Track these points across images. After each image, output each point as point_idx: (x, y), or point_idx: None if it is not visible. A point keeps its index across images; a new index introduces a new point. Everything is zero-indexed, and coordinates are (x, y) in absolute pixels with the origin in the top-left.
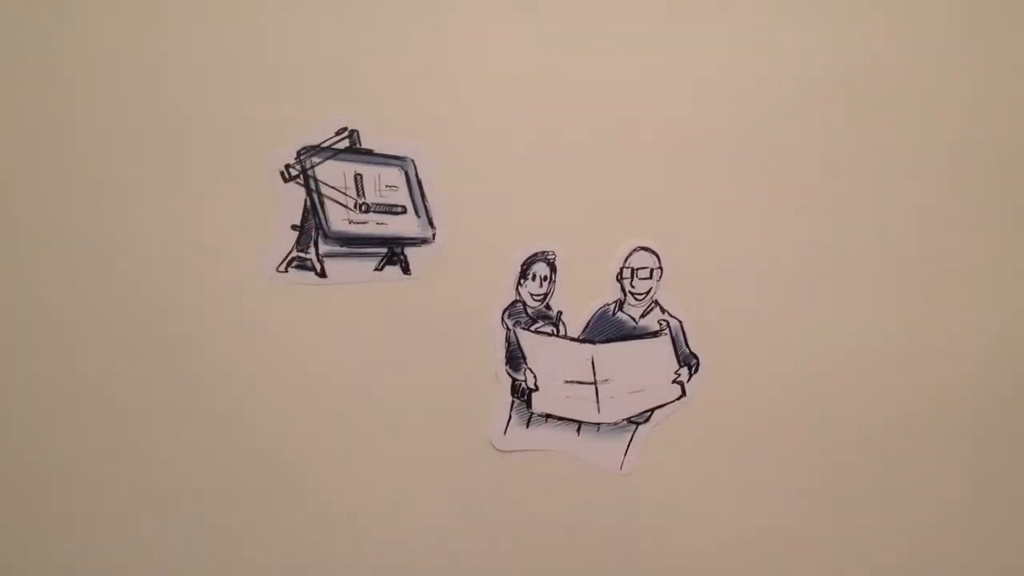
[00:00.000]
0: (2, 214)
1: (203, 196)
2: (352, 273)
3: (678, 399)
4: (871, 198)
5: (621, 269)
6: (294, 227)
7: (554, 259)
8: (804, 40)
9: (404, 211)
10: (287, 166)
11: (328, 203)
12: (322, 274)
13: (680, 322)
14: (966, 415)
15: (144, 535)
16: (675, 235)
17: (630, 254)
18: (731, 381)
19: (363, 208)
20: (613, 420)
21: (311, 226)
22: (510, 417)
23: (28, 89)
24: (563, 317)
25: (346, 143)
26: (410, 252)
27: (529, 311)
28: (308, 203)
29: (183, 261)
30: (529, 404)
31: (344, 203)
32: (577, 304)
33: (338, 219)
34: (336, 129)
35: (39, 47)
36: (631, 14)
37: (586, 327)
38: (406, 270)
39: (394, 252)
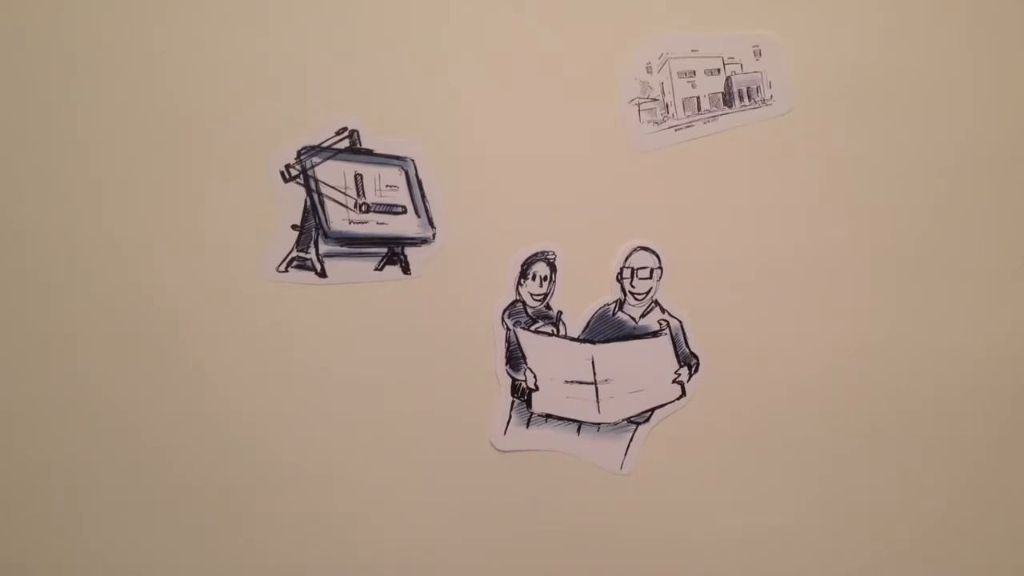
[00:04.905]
0: (2, 214)
1: (203, 196)
2: (352, 273)
3: (678, 399)
4: (871, 198)
5: (621, 269)
6: (294, 227)
7: (554, 259)
8: (803, 39)
9: (404, 211)
10: (287, 166)
11: (328, 203)
12: (322, 274)
13: (680, 322)
14: (967, 415)
15: (143, 535)
16: (675, 235)
17: (630, 254)
18: (731, 381)
19: (363, 208)
20: (613, 420)
21: (311, 226)
22: (510, 417)
23: (28, 89)
24: (563, 317)
25: (346, 143)
26: (410, 252)
27: (529, 311)
28: (308, 203)
29: (183, 261)
30: (529, 404)
31: (344, 203)
32: (577, 304)
33: (338, 219)
34: (336, 129)
35: (39, 47)
36: (631, 15)
37: (586, 327)
38: (406, 270)
39: (394, 252)
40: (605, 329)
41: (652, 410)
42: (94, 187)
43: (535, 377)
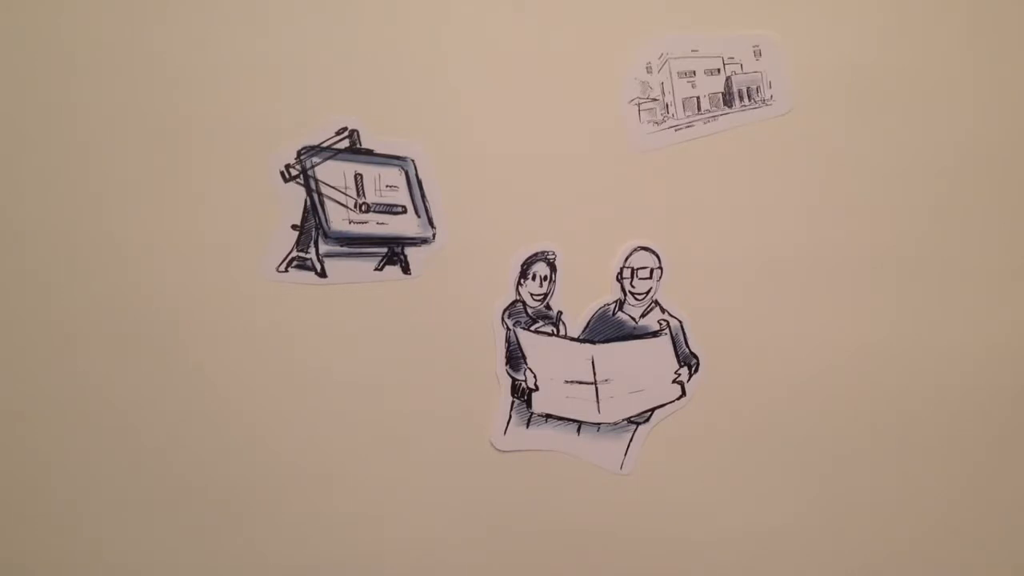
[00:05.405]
0: (2, 214)
1: (203, 196)
2: (352, 273)
3: (678, 399)
4: (871, 198)
5: (621, 269)
6: (294, 227)
7: (554, 259)
8: (803, 39)
9: (404, 211)
10: (287, 166)
11: (328, 203)
12: (322, 274)
13: (680, 322)
14: (967, 415)
15: (143, 535)
16: (675, 235)
17: (630, 254)
18: (731, 381)
19: (363, 208)
20: (613, 420)
21: (311, 226)
22: (510, 417)
23: (28, 89)
24: (563, 317)
25: (346, 143)
26: (410, 252)
27: (529, 311)
28: (308, 203)
29: (183, 261)
30: (529, 404)
31: (344, 203)
32: (577, 304)
33: (338, 219)
34: (336, 129)
35: (39, 47)
36: (631, 15)
37: (586, 327)
38: (406, 270)
39: (394, 252)
40: (605, 329)
41: (652, 410)
42: (94, 187)
43: (535, 377)
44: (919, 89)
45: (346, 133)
